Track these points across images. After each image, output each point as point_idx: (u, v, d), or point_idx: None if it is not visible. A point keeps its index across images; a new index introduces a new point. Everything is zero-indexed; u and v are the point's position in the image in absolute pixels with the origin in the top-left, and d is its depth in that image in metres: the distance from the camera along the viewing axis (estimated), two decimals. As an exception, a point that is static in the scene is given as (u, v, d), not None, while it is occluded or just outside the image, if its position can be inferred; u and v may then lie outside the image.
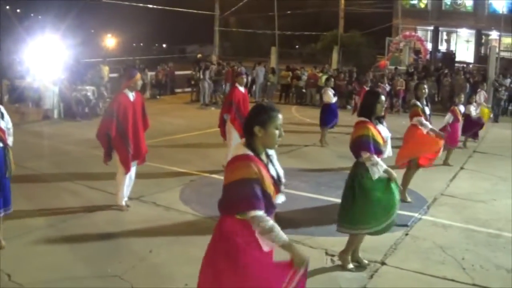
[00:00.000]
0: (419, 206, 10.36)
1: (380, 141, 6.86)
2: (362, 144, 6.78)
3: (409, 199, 10.43)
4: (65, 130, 17.95)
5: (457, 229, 9.13)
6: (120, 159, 9.20)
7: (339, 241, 7.82)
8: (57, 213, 9.13)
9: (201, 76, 28.23)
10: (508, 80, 28.56)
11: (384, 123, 7.17)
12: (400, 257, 7.74)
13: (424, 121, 10.36)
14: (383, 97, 7.05)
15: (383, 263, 7.45)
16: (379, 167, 6.72)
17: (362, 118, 6.98)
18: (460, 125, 15.24)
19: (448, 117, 14.72)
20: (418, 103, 10.41)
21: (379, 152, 6.82)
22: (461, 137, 16.15)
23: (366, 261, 7.32)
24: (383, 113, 7.16)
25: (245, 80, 13.07)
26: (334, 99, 16.70)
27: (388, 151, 7.29)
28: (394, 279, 7.02)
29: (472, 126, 17.24)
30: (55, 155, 13.87)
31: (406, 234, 8.72)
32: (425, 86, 10.70)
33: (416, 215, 9.76)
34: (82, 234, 8.18)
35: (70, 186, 10.89)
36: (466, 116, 16.53)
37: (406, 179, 10.59)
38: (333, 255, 7.54)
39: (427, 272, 7.20)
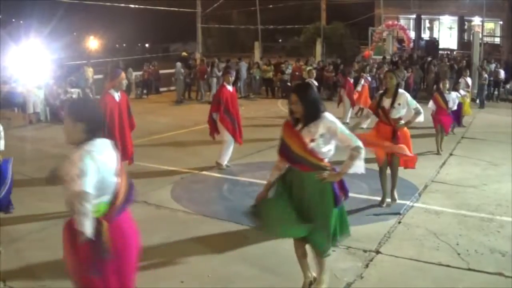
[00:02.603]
0: (411, 193, 10.37)
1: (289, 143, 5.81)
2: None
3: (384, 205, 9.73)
4: (52, 133, 17.80)
5: (449, 215, 9.15)
6: None
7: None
8: (49, 217, 9.05)
9: (210, 73, 28.30)
10: (493, 65, 28.68)
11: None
12: (395, 245, 7.75)
13: (365, 116, 9.98)
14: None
15: (377, 252, 7.45)
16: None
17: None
18: (448, 111, 14.83)
19: (431, 105, 14.83)
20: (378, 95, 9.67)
21: (284, 155, 5.94)
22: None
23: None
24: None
25: (232, 78, 12.98)
26: None
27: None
28: (389, 267, 7.02)
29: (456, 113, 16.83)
30: (43, 159, 13.75)
31: (399, 222, 8.73)
32: (393, 75, 9.36)
33: (408, 202, 9.78)
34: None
35: (60, 189, 10.81)
36: (459, 104, 16.14)
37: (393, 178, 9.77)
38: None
39: (422, 259, 7.20)
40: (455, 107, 15.23)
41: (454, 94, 15.57)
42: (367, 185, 10.82)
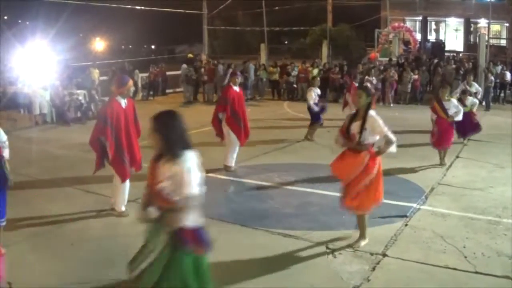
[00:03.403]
0: (417, 196, 10.36)
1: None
2: None
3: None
4: (58, 135, 17.85)
5: (456, 218, 9.13)
6: (117, 171, 9.12)
7: (338, 235, 7.83)
8: (54, 219, 9.07)
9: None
10: (499, 68, 28.59)
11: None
12: (401, 248, 7.74)
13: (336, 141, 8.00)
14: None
15: (384, 255, 7.44)
16: None
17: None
18: (451, 123, 13.25)
19: (431, 115, 13.39)
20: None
21: None
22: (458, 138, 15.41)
23: None
24: None
25: (239, 79, 12.96)
26: (312, 101, 16.44)
27: None
28: (396, 270, 7.00)
29: (468, 124, 15.34)
30: (49, 160, 13.79)
31: (406, 225, 8.72)
32: (363, 92, 7.66)
33: (414, 205, 9.76)
34: (80, 239, 8.13)
35: (65, 191, 10.84)
36: (465, 114, 14.11)
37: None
38: (333, 250, 7.51)
39: (429, 262, 7.19)
40: (458, 117, 13.19)
41: (454, 101, 13.49)
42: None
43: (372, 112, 7.54)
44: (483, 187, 11.12)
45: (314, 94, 16.46)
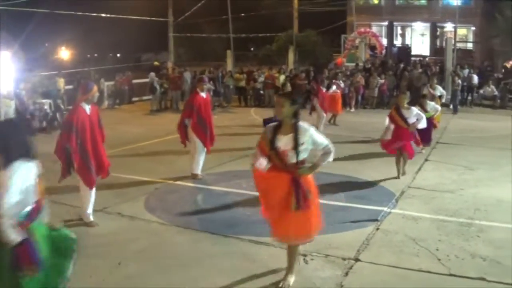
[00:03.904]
0: (388, 200, 10.29)
1: None
2: None
3: None
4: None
5: (427, 221, 9.07)
6: (83, 179, 8.92)
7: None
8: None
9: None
10: (466, 71, 28.84)
11: None
12: (374, 252, 7.63)
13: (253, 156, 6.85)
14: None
15: (357, 260, 7.31)
16: None
17: None
18: (410, 130, 12.17)
19: (387, 123, 12.23)
20: None
21: None
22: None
23: None
24: None
25: (206, 86, 12.78)
26: None
27: None
28: (369, 274, 6.90)
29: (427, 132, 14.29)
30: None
31: (377, 229, 8.62)
32: (285, 101, 6.33)
33: (385, 209, 9.69)
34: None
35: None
36: (428, 121, 13.31)
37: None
38: (305, 255, 7.36)
39: (402, 266, 7.10)
40: (421, 125, 12.35)
41: (415, 109, 12.43)
42: (343, 192, 10.75)
43: (302, 123, 6.31)
44: (453, 189, 11.10)
45: None
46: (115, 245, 8.09)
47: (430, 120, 14.20)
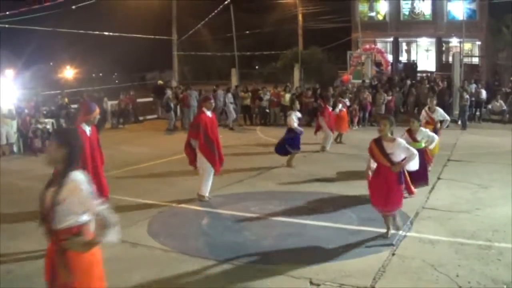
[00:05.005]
0: (402, 222, 9.84)
1: None
2: None
3: None
4: (24, 166, 17.23)
5: (445, 244, 8.66)
6: None
7: (323, 269, 7.29)
8: (16, 257, 8.47)
9: (226, 100, 28.01)
10: (474, 86, 28.50)
11: None
12: (390, 279, 7.23)
13: None
14: None
15: (373, 288, 6.91)
16: None
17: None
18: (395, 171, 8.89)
19: (368, 161, 9.39)
20: None
21: None
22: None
23: None
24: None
25: (212, 104, 12.42)
26: (296, 124, 15.95)
27: None
28: (387, 305, 6.49)
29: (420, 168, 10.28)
30: (13, 193, 13.15)
31: (393, 254, 8.20)
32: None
33: (400, 232, 9.24)
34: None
35: (29, 226, 10.16)
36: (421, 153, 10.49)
37: None
38: (318, 285, 6.97)
39: (421, 294, 6.68)
40: (413, 166, 9.26)
41: (402, 141, 8.98)
42: (356, 215, 10.37)
43: (79, 174, 4.77)
44: (469, 209, 10.70)
45: (295, 117, 15.98)
46: (116, 272, 7.68)
47: (422, 153, 11.21)
